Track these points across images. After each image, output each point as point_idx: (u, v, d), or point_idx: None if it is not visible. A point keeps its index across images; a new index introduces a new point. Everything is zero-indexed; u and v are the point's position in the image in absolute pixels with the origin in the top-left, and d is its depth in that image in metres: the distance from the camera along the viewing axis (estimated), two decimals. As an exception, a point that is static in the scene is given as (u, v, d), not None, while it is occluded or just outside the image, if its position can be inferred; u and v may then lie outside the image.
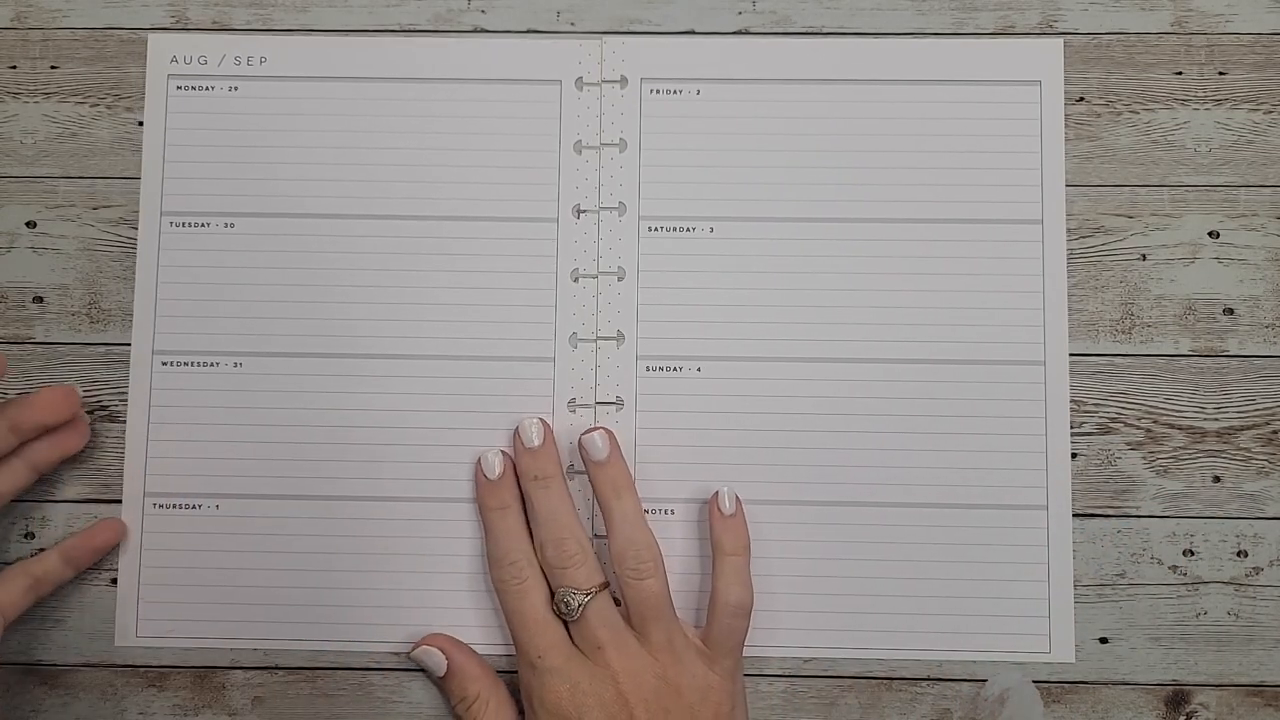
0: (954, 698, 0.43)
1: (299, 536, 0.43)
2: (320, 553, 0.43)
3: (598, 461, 0.42)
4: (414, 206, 0.44)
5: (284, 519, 0.43)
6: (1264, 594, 0.43)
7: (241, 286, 0.44)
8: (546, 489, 0.41)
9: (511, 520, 0.42)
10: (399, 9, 0.45)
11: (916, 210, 0.44)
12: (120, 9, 0.45)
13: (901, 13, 0.45)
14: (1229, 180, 0.44)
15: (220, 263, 0.44)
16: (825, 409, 0.43)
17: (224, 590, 0.43)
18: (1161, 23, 0.45)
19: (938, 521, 0.43)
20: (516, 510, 0.42)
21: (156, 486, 0.43)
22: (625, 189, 0.44)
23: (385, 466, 0.43)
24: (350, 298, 0.44)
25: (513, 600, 0.41)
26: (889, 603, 0.43)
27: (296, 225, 0.44)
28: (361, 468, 0.43)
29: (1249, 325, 0.44)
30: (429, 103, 0.45)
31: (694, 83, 0.45)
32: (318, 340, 0.44)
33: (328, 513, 0.43)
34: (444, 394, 0.43)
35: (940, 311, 0.44)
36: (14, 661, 0.43)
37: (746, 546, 0.42)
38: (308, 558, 0.43)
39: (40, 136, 0.45)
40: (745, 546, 0.42)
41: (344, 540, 0.43)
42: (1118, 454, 0.43)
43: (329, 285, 0.44)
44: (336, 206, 0.44)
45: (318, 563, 0.43)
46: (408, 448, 0.43)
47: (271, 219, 0.44)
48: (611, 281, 0.44)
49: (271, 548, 0.43)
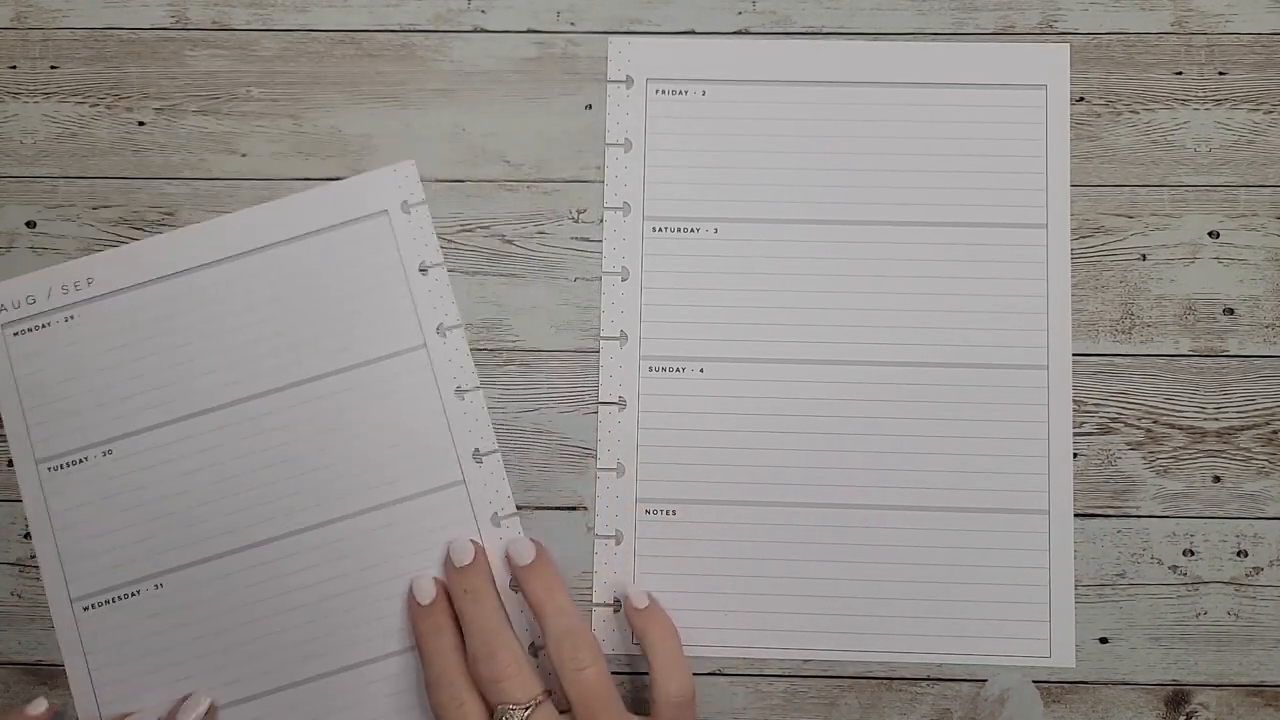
0: (954, 698, 0.43)
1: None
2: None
3: (525, 566, 0.41)
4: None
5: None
6: (1264, 594, 0.43)
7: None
8: (477, 602, 0.41)
9: (446, 642, 0.40)
10: (399, 9, 0.45)
11: (921, 213, 0.44)
12: (120, 9, 0.45)
13: (902, 12, 0.45)
14: (1229, 180, 0.44)
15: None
16: (827, 411, 0.43)
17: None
18: (1161, 23, 0.45)
19: (939, 525, 0.43)
20: (451, 632, 0.41)
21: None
22: (630, 189, 0.44)
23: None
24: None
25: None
26: (889, 606, 0.43)
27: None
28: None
29: (1249, 325, 0.44)
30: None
31: (700, 84, 0.45)
32: None
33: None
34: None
35: (943, 315, 0.44)
36: (14, 661, 0.43)
37: (673, 631, 0.41)
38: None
39: (40, 136, 0.45)
40: (672, 631, 0.41)
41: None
42: (1118, 454, 0.43)
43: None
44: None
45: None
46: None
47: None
48: (615, 281, 0.44)
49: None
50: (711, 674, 0.43)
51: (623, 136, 0.44)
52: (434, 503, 0.42)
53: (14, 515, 0.43)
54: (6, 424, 0.43)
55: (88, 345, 0.43)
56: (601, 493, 0.43)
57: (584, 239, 0.44)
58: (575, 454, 0.43)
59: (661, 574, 0.43)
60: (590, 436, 0.43)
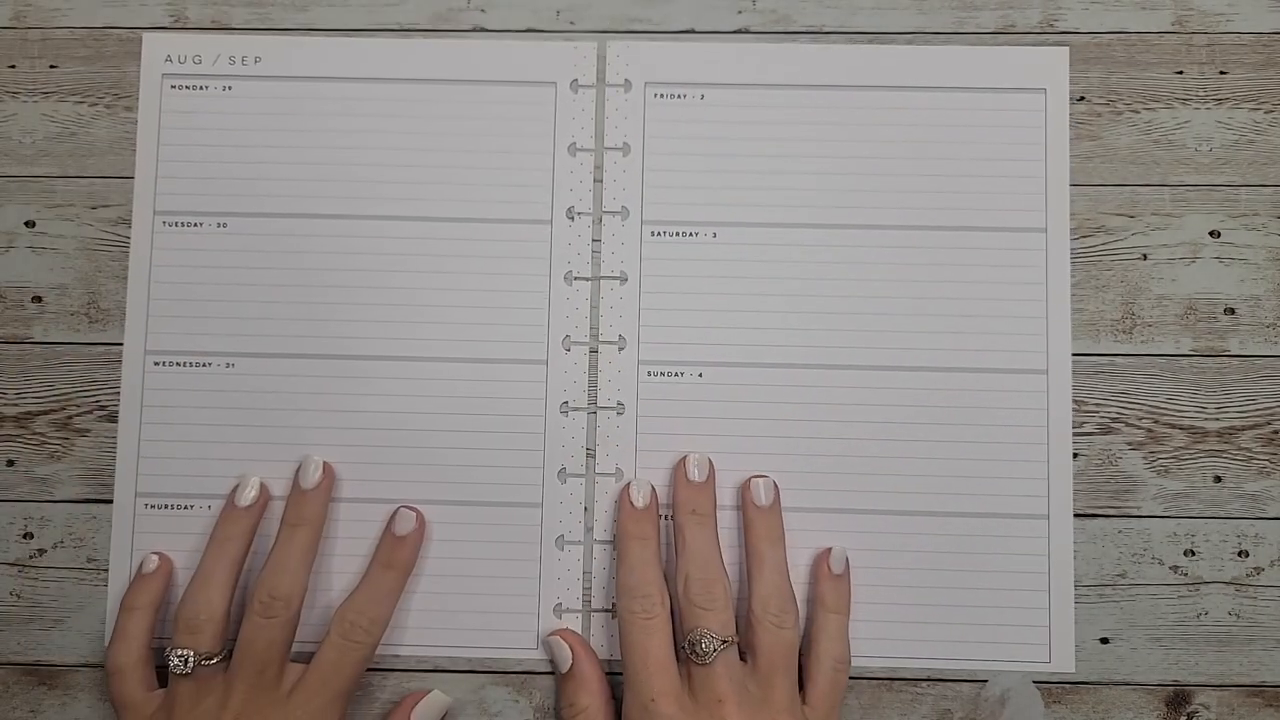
0: (954, 698, 0.43)
1: None
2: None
3: (760, 507, 0.42)
4: (407, 207, 0.44)
5: (277, 520, 0.43)
6: (1265, 594, 0.43)
7: (234, 286, 0.44)
8: (703, 526, 0.41)
9: (650, 552, 0.41)
10: (398, 8, 0.45)
11: (919, 217, 0.44)
12: (119, 8, 0.45)
13: (902, 12, 0.45)
14: (1230, 180, 0.44)
15: (214, 263, 0.44)
16: (828, 415, 0.43)
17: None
18: (1162, 22, 0.45)
19: (939, 530, 0.43)
20: (656, 544, 0.41)
21: (148, 487, 0.43)
22: (628, 193, 0.44)
23: (377, 468, 0.43)
24: (344, 298, 0.44)
25: (637, 634, 0.39)
26: (889, 610, 0.43)
27: (290, 225, 0.44)
28: (355, 469, 0.43)
29: (1250, 325, 0.44)
30: (423, 103, 0.44)
31: (698, 87, 0.45)
32: (311, 341, 0.44)
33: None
34: (436, 396, 0.43)
35: (942, 319, 0.43)
36: (14, 661, 0.43)
37: (849, 608, 0.42)
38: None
39: (39, 136, 0.45)
40: (848, 607, 0.42)
41: (331, 542, 0.43)
42: (1119, 454, 0.43)
43: (323, 286, 0.44)
44: (330, 207, 0.44)
45: (315, 564, 0.43)
46: (401, 449, 0.43)
47: (265, 219, 0.44)
48: (614, 286, 0.44)
49: (265, 549, 0.43)
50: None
51: (621, 140, 0.44)
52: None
53: (14, 515, 0.43)
54: (139, 170, 0.44)
55: (237, 119, 0.44)
56: (600, 498, 0.43)
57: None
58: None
59: (660, 577, 0.43)
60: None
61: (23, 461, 0.44)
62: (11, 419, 0.44)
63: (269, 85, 0.45)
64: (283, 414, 0.43)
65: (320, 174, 0.44)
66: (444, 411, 0.43)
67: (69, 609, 0.43)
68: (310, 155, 0.44)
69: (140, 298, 0.44)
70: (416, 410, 0.43)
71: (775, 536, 0.41)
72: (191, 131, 0.44)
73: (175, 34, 0.45)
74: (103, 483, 0.43)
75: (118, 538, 0.43)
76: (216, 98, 0.45)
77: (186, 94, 0.45)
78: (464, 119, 0.44)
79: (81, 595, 0.43)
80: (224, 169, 0.44)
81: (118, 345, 0.44)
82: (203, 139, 0.44)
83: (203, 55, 0.45)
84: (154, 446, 0.43)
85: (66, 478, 0.43)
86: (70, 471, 0.43)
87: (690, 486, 0.42)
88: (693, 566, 0.40)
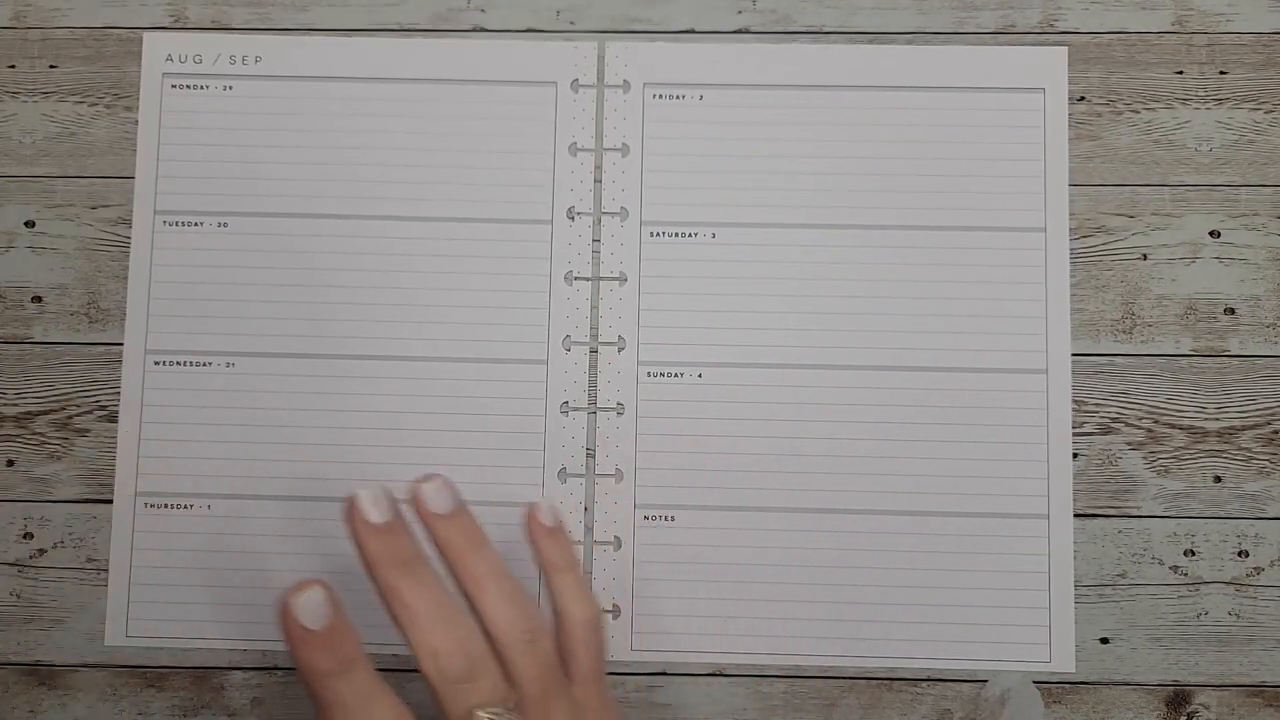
0: (954, 698, 0.43)
1: (291, 538, 0.43)
2: (314, 554, 0.43)
3: (439, 515, 0.35)
4: (408, 207, 0.44)
5: (276, 519, 0.43)
6: (1265, 594, 0.43)
7: (234, 286, 0.44)
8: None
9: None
10: (398, 8, 0.45)
11: (919, 217, 0.44)
12: (119, 8, 0.45)
13: (902, 11, 0.45)
14: (1230, 180, 0.44)
15: (214, 262, 0.44)
16: (827, 416, 0.43)
17: (218, 590, 0.43)
18: (1162, 22, 0.45)
19: (938, 530, 0.43)
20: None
21: (148, 486, 0.43)
22: (627, 194, 0.44)
23: (378, 468, 0.43)
24: (344, 298, 0.44)
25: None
26: (888, 611, 0.43)
27: (290, 225, 0.44)
28: (354, 469, 0.43)
29: (1250, 325, 0.44)
30: (423, 103, 0.44)
31: (697, 88, 0.45)
32: (311, 341, 0.44)
33: (320, 513, 0.43)
34: (437, 395, 0.43)
35: (942, 319, 0.43)
36: (13, 662, 0.43)
37: (576, 561, 0.36)
38: (302, 559, 0.43)
39: (39, 136, 0.45)
40: (575, 560, 0.36)
41: (332, 542, 0.43)
42: (1119, 454, 0.43)
43: (323, 286, 0.44)
44: (330, 207, 0.44)
45: (312, 564, 0.43)
46: (400, 449, 0.43)
47: (265, 219, 0.44)
48: (613, 286, 0.44)
49: (265, 548, 0.43)
50: (711, 674, 0.43)
51: (620, 141, 0.44)
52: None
53: (13, 515, 0.43)
54: (139, 170, 0.44)
55: (237, 119, 0.44)
56: (600, 498, 0.43)
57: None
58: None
59: (660, 579, 0.43)
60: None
61: (23, 461, 0.44)
62: (11, 419, 0.44)
63: (269, 85, 0.45)
64: (283, 414, 0.43)
65: (320, 174, 0.44)
66: (444, 411, 0.43)
67: (69, 609, 0.43)
68: (310, 155, 0.44)
69: (140, 298, 0.44)
70: (416, 410, 0.43)
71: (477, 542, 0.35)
72: (192, 131, 0.44)
73: (175, 34, 0.45)
74: (103, 483, 0.43)
75: (118, 538, 0.43)
76: (217, 97, 0.45)
77: (187, 94, 0.45)
78: (464, 119, 0.44)
79: (81, 595, 0.43)
80: (224, 169, 0.44)
81: (118, 345, 0.44)
82: (203, 139, 0.44)
83: (203, 55, 0.45)
84: (154, 446, 0.43)
85: (66, 478, 0.43)
86: (70, 471, 0.43)
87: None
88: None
